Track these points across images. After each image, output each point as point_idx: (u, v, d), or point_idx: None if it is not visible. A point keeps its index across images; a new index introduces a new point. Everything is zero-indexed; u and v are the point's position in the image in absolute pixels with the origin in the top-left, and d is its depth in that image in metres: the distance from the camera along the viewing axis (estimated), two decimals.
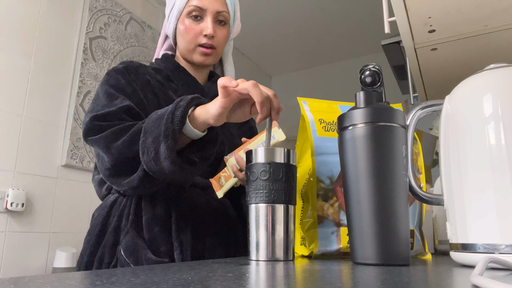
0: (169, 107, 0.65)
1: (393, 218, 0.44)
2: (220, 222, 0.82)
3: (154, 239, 0.75)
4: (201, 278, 0.30)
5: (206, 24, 0.86)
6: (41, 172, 1.91)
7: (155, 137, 0.63)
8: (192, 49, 0.88)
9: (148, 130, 0.65)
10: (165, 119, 0.63)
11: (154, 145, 0.63)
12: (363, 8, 3.13)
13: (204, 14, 0.86)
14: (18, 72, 1.86)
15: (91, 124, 0.72)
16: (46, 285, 0.26)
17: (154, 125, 0.64)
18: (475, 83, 0.49)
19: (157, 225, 0.76)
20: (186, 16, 0.87)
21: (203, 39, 0.86)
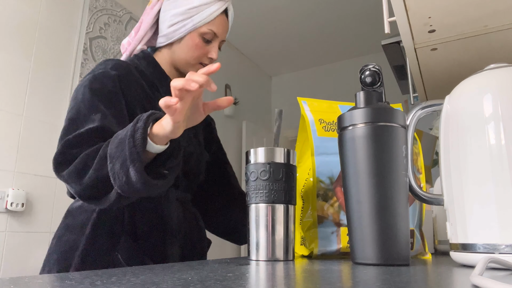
0: (129, 129, 0.65)
1: (393, 218, 0.44)
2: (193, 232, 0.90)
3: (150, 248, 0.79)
4: (201, 278, 0.30)
5: (213, 49, 0.92)
6: (41, 172, 1.91)
7: (122, 162, 0.64)
8: (192, 64, 0.92)
9: (114, 156, 0.66)
10: (127, 143, 0.64)
11: (123, 170, 0.64)
12: (363, 8, 3.13)
13: (214, 39, 0.92)
14: (18, 72, 1.86)
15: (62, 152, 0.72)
16: (46, 285, 0.26)
17: (118, 150, 0.65)
18: (475, 83, 0.49)
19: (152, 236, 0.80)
20: (199, 34, 0.91)
21: (207, 60, 0.93)
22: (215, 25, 0.91)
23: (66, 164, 0.71)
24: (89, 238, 0.76)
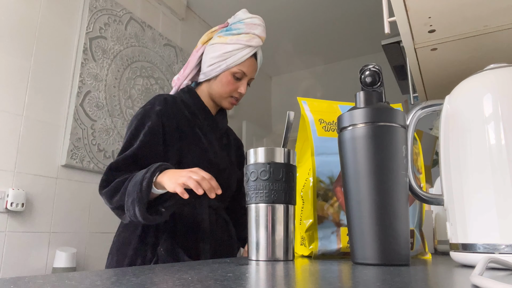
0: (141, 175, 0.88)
1: (393, 218, 0.44)
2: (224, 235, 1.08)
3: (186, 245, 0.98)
4: (201, 278, 0.30)
5: (243, 86, 1.13)
6: (41, 172, 1.91)
7: (131, 201, 0.88)
8: (225, 98, 1.13)
9: (129, 193, 0.89)
10: (137, 187, 0.87)
11: (132, 207, 0.88)
12: (363, 8, 3.13)
13: (243, 77, 1.13)
14: (18, 72, 1.86)
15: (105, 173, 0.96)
16: (46, 285, 0.26)
17: (131, 190, 0.88)
18: (475, 83, 0.49)
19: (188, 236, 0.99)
20: (231, 73, 1.11)
21: (237, 95, 1.14)
22: (245, 66, 1.11)
23: (105, 186, 0.95)
24: (140, 236, 0.98)
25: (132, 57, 2.48)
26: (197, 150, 1.05)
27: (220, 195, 1.03)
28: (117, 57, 2.37)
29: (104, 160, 2.18)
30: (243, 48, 1.10)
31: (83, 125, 2.10)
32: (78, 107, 2.08)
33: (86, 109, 2.13)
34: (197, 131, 1.08)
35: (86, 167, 2.09)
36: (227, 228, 1.11)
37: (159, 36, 2.72)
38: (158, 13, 2.75)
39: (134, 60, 2.50)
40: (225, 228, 1.10)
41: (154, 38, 2.68)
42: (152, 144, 0.99)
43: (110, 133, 2.25)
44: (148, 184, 0.86)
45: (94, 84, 2.19)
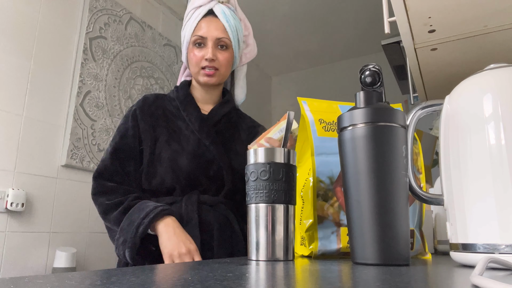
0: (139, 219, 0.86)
1: (393, 218, 0.44)
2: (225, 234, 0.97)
3: None
4: (201, 278, 0.30)
5: (206, 50, 1.01)
6: (41, 172, 1.91)
7: (123, 241, 0.87)
8: (197, 72, 1.03)
9: (122, 231, 0.88)
10: (132, 231, 0.85)
11: (123, 248, 0.86)
12: (363, 8, 3.13)
13: (206, 42, 1.02)
14: (18, 72, 1.86)
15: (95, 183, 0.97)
16: (46, 285, 0.26)
17: (126, 229, 0.87)
18: (475, 83, 0.49)
19: None
20: (192, 45, 1.03)
21: (205, 62, 1.01)
22: (200, 29, 1.01)
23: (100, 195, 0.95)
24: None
25: (132, 57, 2.48)
26: (174, 144, 0.99)
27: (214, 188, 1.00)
28: (117, 57, 2.37)
29: None
30: (193, 12, 1.03)
31: (83, 125, 2.10)
32: (78, 107, 2.08)
33: (86, 109, 2.13)
34: (179, 124, 1.03)
35: (86, 167, 2.09)
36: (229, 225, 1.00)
37: (159, 36, 2.72)
38: (158, 13, 2.75)
39: (134, 60, 2.50)
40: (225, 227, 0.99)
41: (154, 38, 2.68)
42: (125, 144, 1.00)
43: (110, 133, 2.25)
44: (143, 231, 0.85)
45: (94, 84, 2.19)
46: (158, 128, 1.01)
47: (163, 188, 0.98)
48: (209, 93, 1.09)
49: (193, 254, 0.85)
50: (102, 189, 0.95)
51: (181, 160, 0.97)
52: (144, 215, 0.86)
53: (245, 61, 1.13)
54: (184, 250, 0.84)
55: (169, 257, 0.84)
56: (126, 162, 0.98)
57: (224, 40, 1.02)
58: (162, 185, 0.97)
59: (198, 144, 1.00)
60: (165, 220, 0.88)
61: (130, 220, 0.88)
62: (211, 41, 1.01)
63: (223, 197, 1.01)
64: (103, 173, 0.97)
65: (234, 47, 1.05)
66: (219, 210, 0.98)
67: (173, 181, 0.96)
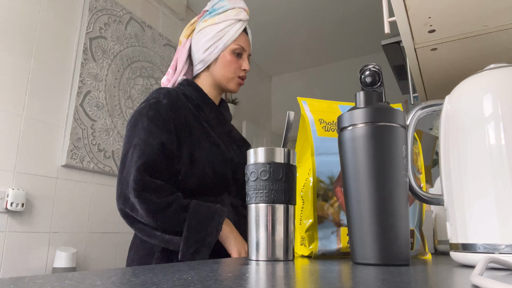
0: (216, 217, 0.89)
1: (393, 218, 0.44)
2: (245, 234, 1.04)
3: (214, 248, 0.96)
4: (201, 278, 0.30)
5: (245, 62, 1.10)
6: (41, 172, 1.91)
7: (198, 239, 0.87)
8: (231, 78, 1.09)
9: (193, 228, 0.87)
10: (210, 230, 0.88)
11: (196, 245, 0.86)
12: (363, 8, 3.13)
13: (243, 54, 1.10)
14: (18, 72, 1.86)
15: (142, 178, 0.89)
16: (46, 285, 0.26)
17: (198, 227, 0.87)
18: (475, 83, 0.49)
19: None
20: (230, 51, 1.08)
21: (242, 73, 1.10)
22: (241, 41, 1.09)
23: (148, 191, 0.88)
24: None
25: (132, 57, 2.49)
26: (207, 145, 0.99)
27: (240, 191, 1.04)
28: (117, 57, 2.37)
29: (104, 160, 2.18)
30: (234, 23, 1.07)
31: (83, 125, 2.10)
32: (78, 107, 2.08)
33: (86, 109, 2.13)
34: (205, 125, 1.02)
35: (86, 167, 2.09)
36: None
37: (159, 36, 2.72)
38: (158, 13, 2.75)
39: (134, 60, 2.50)
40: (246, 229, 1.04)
41: (154, 38, 2.68)
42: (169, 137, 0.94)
43: (110, 133, 2.25)
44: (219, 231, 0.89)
45: (94, 84, 2.19)
46: (190, 125, 0.99)
47: (199, 188, 0.97)
48: (218, 96, 1.14)
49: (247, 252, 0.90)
50: (151, 185, 0.89)
51: (216, 162, 0.99)
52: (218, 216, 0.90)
53: None
54: (247, 248, 0.89)
55: (239, 255, 0.90)
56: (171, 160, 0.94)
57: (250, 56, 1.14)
58: (199, 185, 0.97)
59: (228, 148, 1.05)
60: (226, 222, 0.93)
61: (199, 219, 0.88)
62: (247, 54, 1.11)
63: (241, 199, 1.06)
64: (152, 168, 0.90)
65: None
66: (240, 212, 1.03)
67: (207, 182, 0.98)
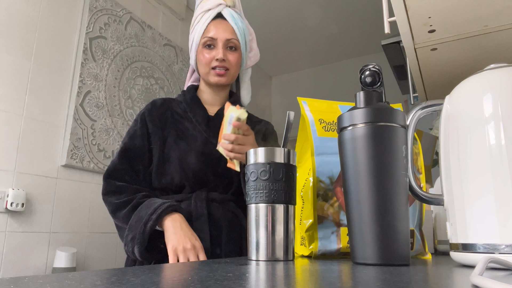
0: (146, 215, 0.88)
1: (393, 218, 0.44)
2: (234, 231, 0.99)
3: None
4: (201, 278, 0.30)
5: (216, 51, 1.04)
6: (41, 172, 1.91)
7: (132, 237, 0.88)
8: (208, 72, 1.06)
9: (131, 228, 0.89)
10: (141, 228, 0.87)
11: (132, 245, 0.88)
12: (363, 8, 3.13)
13: (216, 43, 1.04)
14: (18, 72, 1.86)
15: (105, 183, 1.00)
16: (46, 285, 0.26)
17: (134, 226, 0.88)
18: (475, 83, 0.49)
19: None
20: (202, 46, 1.06)
21: (215, 63, 1.04)
22: (210, 31, 1.04)
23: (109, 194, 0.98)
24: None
25: (132, 57, 2.49)
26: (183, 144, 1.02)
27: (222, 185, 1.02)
28: (117, 57, 2.37)
29: (104, 160, 2.18)
30: (202, 15, 1.06)
31: (83, 125, 2.10)
32: (78, 107, 2.08)
33: (86, 109, 2.13)
34: (187, 125, 1.06)
35: (86, 167, 2.09)
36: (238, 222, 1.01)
37: (159, 36, 2.72)
38: (158, 13, 2.75)
39: (134, 60, 2.50)
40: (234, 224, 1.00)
41: (154, 38, 2.68)
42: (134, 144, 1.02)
43: (110, 133, 2.25)
44: (152, 227, 0.87)
45: (94, 84, 2.19)
46: (166, 129, 1.05)
47: (173, 186, 1.00)
48: (217, 94, 1.12)
49: (197, 250, 0.86)
50: (112, 188, 0.97)
51: (190, 158, 0.99)
52: (152, 211, 0.88)
53: (249, 64, 1.16)
54: (189, 245, 0.85)
55: (173, 251, 0.85)
56: (135, 161, 1.01)
57: (233, 42, 1.05)
58: (171, 183, 1.00)
59: (205, 143, 1.03)
60: (172, 216, 0.89)
61: (139, 216, 0.89)
62: (221, 42, 1.03)
63: (231, 194, 1.03)
64: (113, 173, 0.99)
65: (242, 49, 1.08)
66: (228, 208, 1.00)
67: (182, 179, 0.99)
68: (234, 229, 0.99)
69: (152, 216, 0.87)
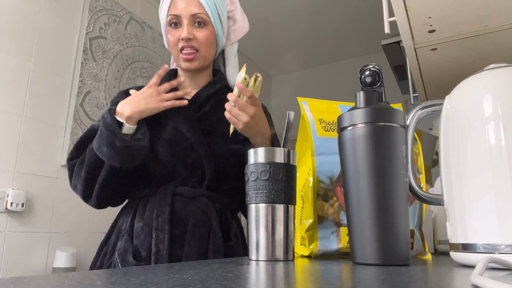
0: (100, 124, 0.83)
1: (393, 218, 0.44)
2: (201, 231, 0.86)
3: (139, 245, 0.83)
4: (201, 278, 0.30)
5: (182, 29, 0.91)
6: (41, 172, 1.91)
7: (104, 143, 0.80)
8: (177, 56, 0.94)
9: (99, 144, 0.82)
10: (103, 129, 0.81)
11: (109, 148, 0.80)
12: (363, 8, 3.13)
13: (181, 21, 0.92)
14: (18, 72, 1.86)
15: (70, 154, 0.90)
16: (46, 285, 0.26)
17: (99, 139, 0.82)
18: (475, 83, 0.49)
19: (143, 232, 0.84)
20: (168, 26, 0.94)
21: (182, 43, 0.91)
22: (175, 8, 0.92)
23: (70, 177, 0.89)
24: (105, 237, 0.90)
25: (132, 57, 2.49)
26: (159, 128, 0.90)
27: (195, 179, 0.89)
28: (117, 57, 2.37)
29: None
30: None
31: (83, 125, 2.10)
32: (78, 107, 2.08)
33: (86, 109, 2.13)
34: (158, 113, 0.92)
35: None
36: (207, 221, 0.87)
37: (159, 36, 2.72)
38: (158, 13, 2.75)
39: (134, 60, 2.50)
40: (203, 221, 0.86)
41: (154, 38, 2.68)
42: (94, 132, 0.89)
43: None
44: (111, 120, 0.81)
45: (94, 84, 2.19)
46: None
47: (142, 179, 0.91)
48: (195, 77, 0.99)
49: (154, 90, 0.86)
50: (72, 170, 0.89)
51: (156, 148, 0.89)
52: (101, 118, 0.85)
53: (234, 38, 1.03)
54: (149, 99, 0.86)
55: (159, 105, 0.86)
56: None
57: (201, 16, 0.92)
58: (141, 176, 0.90)
59: (174, 132, 0.90)
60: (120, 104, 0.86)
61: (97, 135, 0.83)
62: (186, 19, 0.91)
63: (205, 189, 0.89)
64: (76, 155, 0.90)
65: (215, 23, 0.94)
66: (198, 204, 0.87)
67: (151, 171, 0.89)
68: (200, 229, 0.85)
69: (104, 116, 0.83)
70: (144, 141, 0.85)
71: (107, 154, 0.81)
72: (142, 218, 0.86)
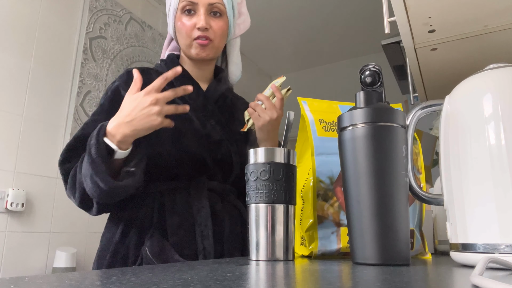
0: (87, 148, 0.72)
1: (393, 218, 0.44)
2: (237, 228, 0.85)
3: (179, 242, 0.78)
4: (201, 278, 0.30)
5: (198, 18, 0.87)
6: (41, 172, 1.91)
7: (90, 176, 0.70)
8: (189, 44, 0.89)
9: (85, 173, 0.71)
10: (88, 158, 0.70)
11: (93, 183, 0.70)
12: (363, 8, 3.13)
13: (197, 8, 0.87)
14: (18, 72, 1.86)
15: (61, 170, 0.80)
16: (46, 285, 0.26)
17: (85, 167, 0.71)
18: (475, 83, 0.49)
19: (181, 228, 0.79)
20: (180, 12, 0.89)
21: (197, 32, 0.87)
22: None
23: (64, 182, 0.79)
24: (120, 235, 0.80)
25: (132, 57, 2.49)
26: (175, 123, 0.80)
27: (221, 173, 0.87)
28: (117, 57, 2.37)
29: None
30: None
31: None
32: (78, 107, 2.08)
33: (86, 109, 2.13)
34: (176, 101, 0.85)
35: None
36: (240, 217, 0.87)
37: (159, 36, 2.72)
38: (158, 13, 2.75)
39: (134, 60, 2.50)
40: (236, 218, 0.86)
41: (154, 38, 2.68)
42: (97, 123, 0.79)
43: None
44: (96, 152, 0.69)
45: (94, 84, 2.19)
46: None
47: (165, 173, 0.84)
48: (201, 69, 0.94)
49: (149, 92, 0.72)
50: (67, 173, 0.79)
51: (186, 140, 0.83)
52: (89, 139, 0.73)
53: (238, 33, 0.99)
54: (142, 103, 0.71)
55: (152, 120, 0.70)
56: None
57: (218, 6, 0.88)
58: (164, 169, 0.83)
59: (203, 123, 0.86)
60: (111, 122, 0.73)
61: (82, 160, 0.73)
62: (203, 7, 0.87)
63: (230, 184, 0.88)
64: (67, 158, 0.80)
65: (229, 14, 0.91)
66: (228, 200, 0.86)
67: (177, 164, 0.83)
68: (236, 225, 0.84)
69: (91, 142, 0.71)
70: (135, 177, 0.74)
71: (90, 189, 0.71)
72: (176, 214, 0.80)
